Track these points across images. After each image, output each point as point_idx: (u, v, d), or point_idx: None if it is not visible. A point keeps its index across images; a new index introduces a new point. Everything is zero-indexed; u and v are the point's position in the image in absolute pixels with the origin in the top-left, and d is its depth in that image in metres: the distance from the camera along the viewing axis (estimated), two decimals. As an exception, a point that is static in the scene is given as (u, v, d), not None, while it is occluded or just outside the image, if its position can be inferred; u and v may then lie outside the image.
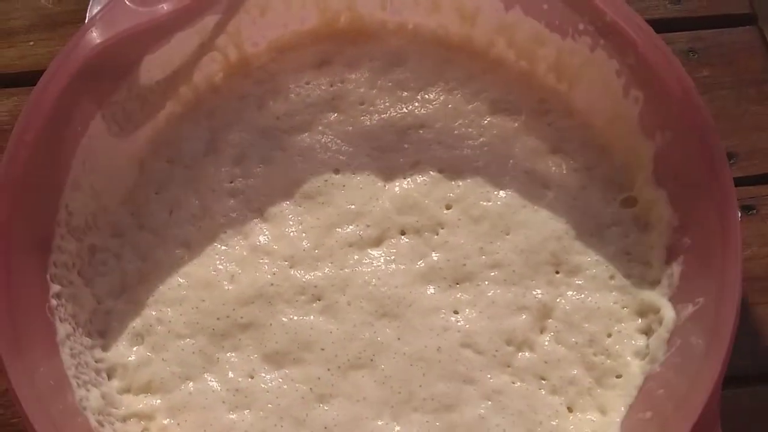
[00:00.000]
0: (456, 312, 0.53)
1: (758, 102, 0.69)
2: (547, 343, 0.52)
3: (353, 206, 0.57)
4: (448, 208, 0.57)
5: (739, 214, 0.64)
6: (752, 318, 0.60)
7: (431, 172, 0.58)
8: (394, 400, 0.50)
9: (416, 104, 0.60)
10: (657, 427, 0.46)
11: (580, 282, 0.54)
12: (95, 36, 0.50)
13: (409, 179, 0.58)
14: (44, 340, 0.48)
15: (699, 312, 0.46)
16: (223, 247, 0.55)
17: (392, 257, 0.55)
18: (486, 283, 0.54)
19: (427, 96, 0.60)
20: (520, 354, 0.52)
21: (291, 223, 0.56)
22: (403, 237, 0.56)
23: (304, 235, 0.56)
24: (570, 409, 0.51)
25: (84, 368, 0.50)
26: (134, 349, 0.53)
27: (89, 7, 0.64)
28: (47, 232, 0.50)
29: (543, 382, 0.51)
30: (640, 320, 0.52)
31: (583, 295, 0.53)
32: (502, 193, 0.57)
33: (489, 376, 0.51)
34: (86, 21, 0.62)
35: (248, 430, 0.49)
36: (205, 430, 0.50)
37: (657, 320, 0.51)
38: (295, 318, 0.53)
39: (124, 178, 0.57)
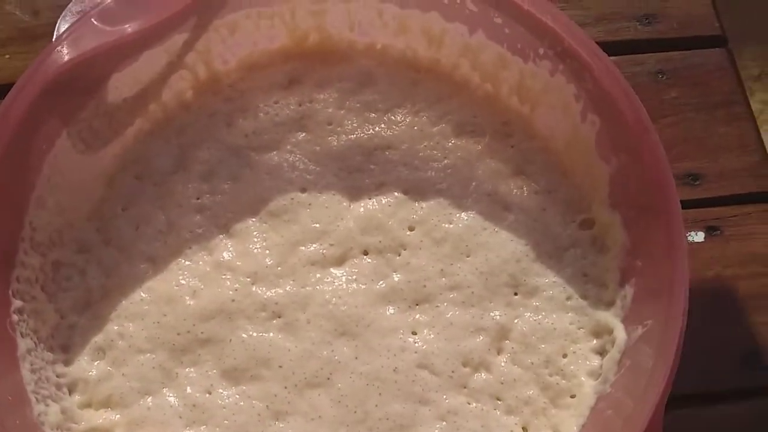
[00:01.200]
0: (414, 333, 0.54)
1: (726, 123, 0.70)
2: (503, 364, 0.53)
3: (318, 225, 0.57)
4: (411, 229, 0.57)
5: (703, 235, 0.65)
6: (710, 338, 0.60)
7: (396, 194, 0.58)
8: (349, 419, 0.51)
9: (383, 125, 0.61)
10: (604, 449, 0.46)
11: (537, 303, 0.54)
12: (62, 54, 0.51)
13: (374, 200, 0.58)
14: (4, 356, 0.48)
15: (647, 333, 0.47)
16: (187, 263, 0.56)
17: (354, 277, 0.55)
18: (445, 304, 0.54)
19: (393, 117, 0.61)
20: (476, 375, 0.53)
21: (256, 240, 0.57)
22: (365, 257, 0.56)
23: (267, 252, 0.56)
24: (525, 430, 0.51)
25: (44, 383, 0.50)
26: (95, 363, 0.53)
27: (57, 26, 0.65)
28: (10, 247, 0.50)
29: (498, 402, 0.52)
30: (595, 341, 0.53)
31: (540, 317, 0.54)
32: (464, 215, 0.57)
33: (444, 396, 0.52)
34: (53, 39, 0.63)
35: (204, 446, 0.50)
36: (162, 446, 0.50)
37: (611, 341, 0.51)
38: (255, 335, 0.53)
39: (90, 194, 0.57)
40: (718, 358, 0.60)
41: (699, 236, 0.65)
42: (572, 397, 0.52)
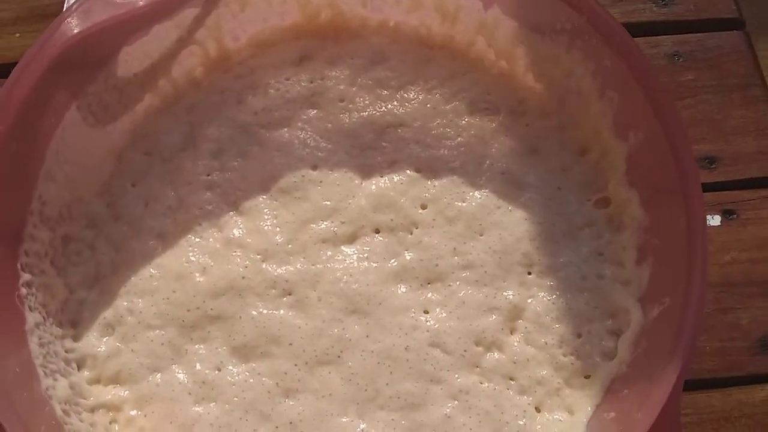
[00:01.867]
0: (426, 312, 0.53)
1: (742, 107, 0.69)
2: (516, 343, 0.52)
3: (329, 203, 0.57)
4: (423, 207, 0.56)
5: (719, 219, 0.64)
6: (727, 323, 0.59)
7: (408, 172, 0.58)
8: (360, 397, 0.50)
9: (395, 103, 0.60)
10: (620, 427, 0.45)
11: (551, 283, 0.53)
12: (71, 26, 0.50)
13: (385, 178, 0.58)
14: (11, 329, 0.48)
15: (664, 313, 0.46)
16: (197, 240, 0.56)
17: (365, 255, 0.55)
18: (457, 283, 0.54)
19: (406, 95, 0.60)
20: (488, 354, 0.52)
21: (266, 217, 0.56)
22: (377, 235, 0.56)
23: (278, 229, 0.56)
24: (538, 409, 0.51)
25: (53, 358, 0.50)
26: (104, 339, 0.53)
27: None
28: (19, 221, 0.50)
29: (511, 382, 0.51)
30: (610, 321, 0.52)
31: (554, 296, 0.53)
32: (477, 194, 0.56)
33: (456, 376, 0.51)
34: (63, 11, 0.62)
35: (213, 423, 0.50)
36: (171, 422, 0.50)
37: (626, 321, 0.50)
38: (265, 312, 0.53)
39: (100, 169, 0.57)
40: (734, 343, 0.59)
41: (715, 220, 0.64)
42: (587, 377, 0.51)
